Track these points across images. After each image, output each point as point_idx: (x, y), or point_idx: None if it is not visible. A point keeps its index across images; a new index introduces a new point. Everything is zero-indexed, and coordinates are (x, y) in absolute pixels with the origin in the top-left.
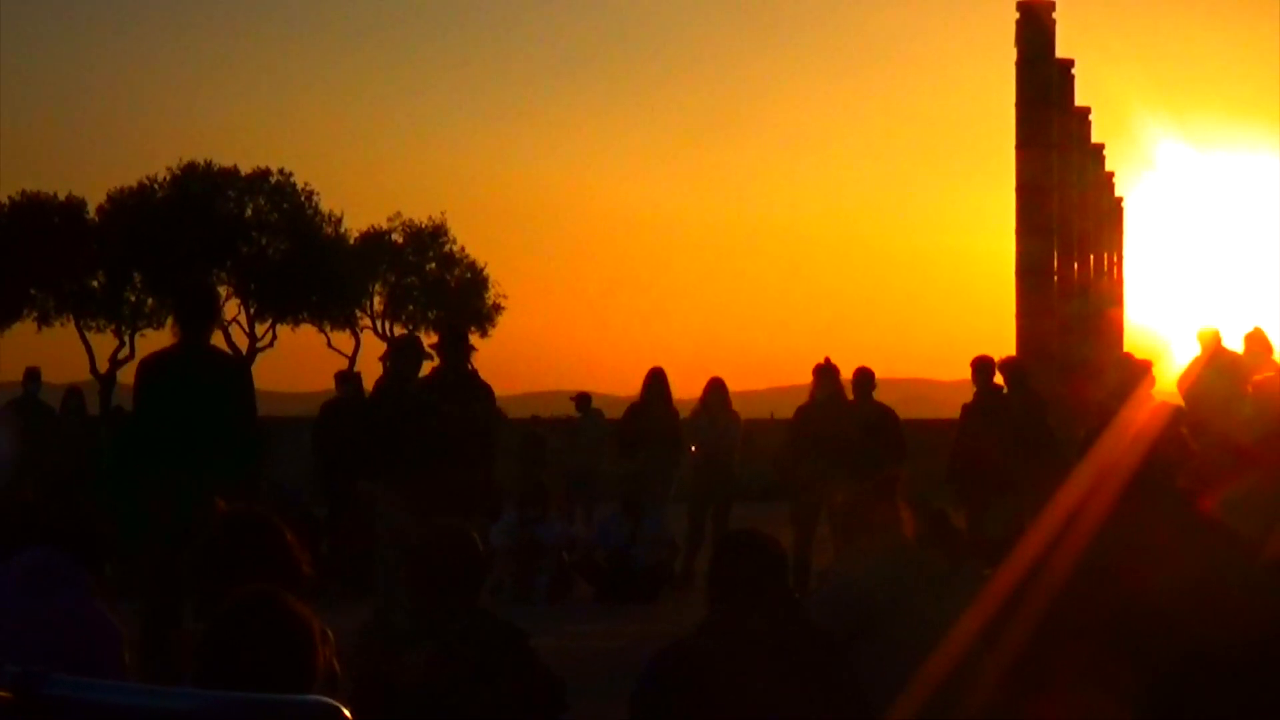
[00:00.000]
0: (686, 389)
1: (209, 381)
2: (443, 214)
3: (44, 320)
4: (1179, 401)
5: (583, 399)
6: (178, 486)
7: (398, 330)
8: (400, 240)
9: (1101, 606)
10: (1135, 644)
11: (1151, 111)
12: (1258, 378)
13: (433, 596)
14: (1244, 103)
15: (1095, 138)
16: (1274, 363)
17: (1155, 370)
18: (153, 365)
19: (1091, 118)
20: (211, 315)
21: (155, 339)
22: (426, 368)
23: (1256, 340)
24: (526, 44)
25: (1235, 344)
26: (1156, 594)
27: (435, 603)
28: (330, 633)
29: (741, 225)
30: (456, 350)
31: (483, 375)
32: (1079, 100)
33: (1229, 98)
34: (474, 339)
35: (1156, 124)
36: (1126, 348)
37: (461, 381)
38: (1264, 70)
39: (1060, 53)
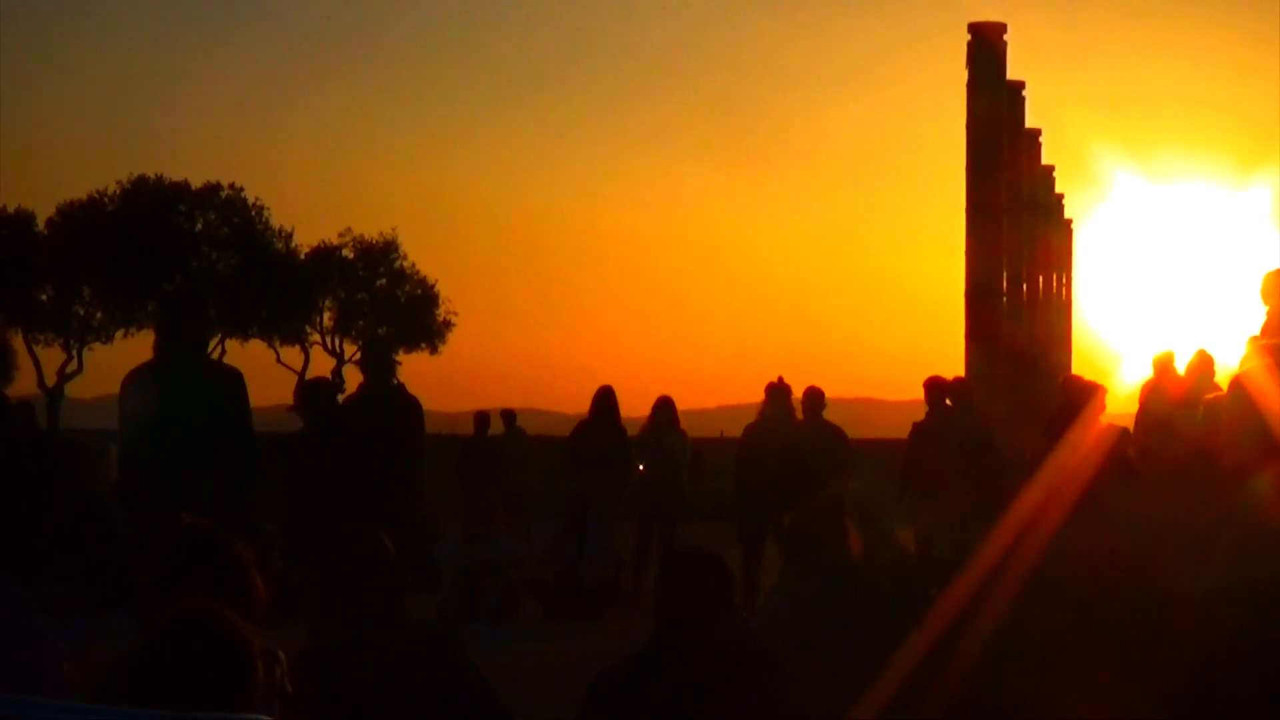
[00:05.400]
0: (636, 407)
1: (200, 392)
2: (393, 230)
3: None
4: (1128, 424)
5: (507, 415)
6: (167, 503)
7: (348, 346)
8: (351, 256)
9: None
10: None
11: (1102, 134)
12: (1209, 396)
13: (355, 604)
14: (1195, 126)
15: (1045, 159)
16: (1216, 385)
17: (1103, 392)
18: (139, 375)
19: (1042, 140)
20: (201, 322)
21: (104, 353)
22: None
23: (1201, 363)
24: (478, 59)
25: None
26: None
27: (360, 610)
28: (282, 654)
29: (691, 243)
30: (378, 366)
31: (431, 392)
32: (1029, 122)
33: (1180, 121)
34: (424, 355)
35: (1107, 146)
36: (1075, 369)
37: (386, 398)
38: (1214, 92)
39: (1011, 75)
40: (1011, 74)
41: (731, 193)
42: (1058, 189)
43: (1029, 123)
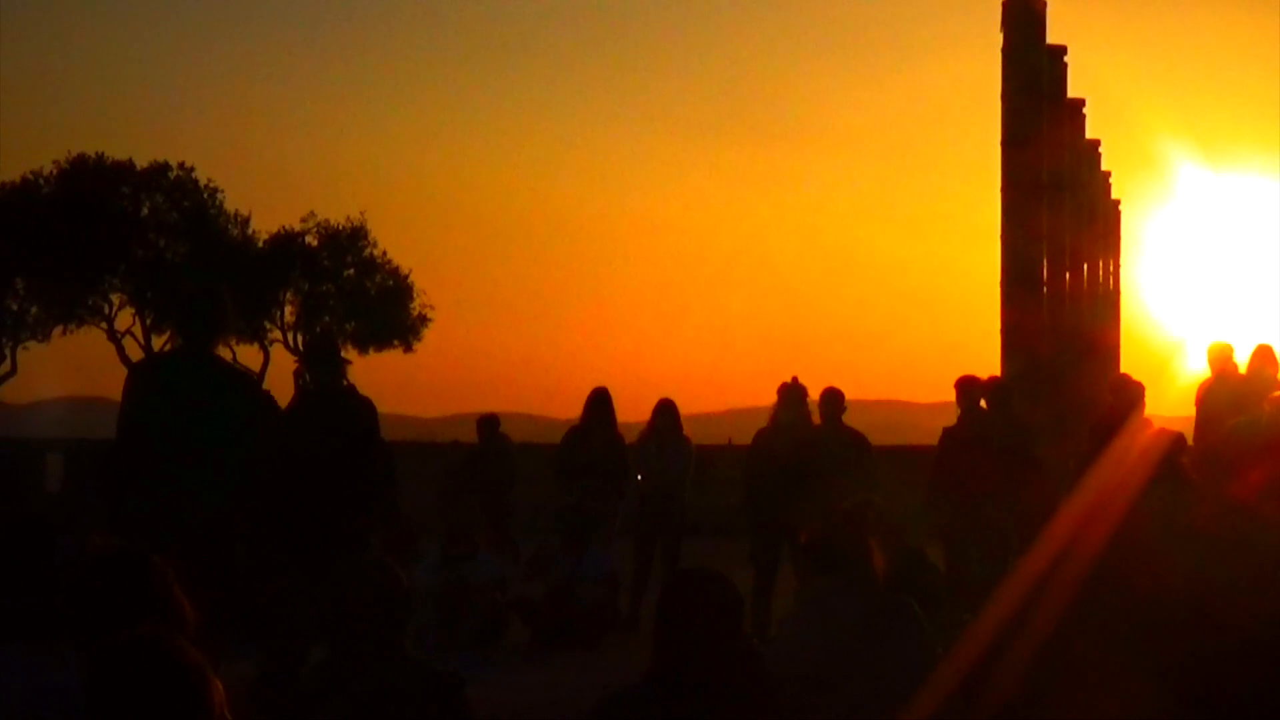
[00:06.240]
0: (634, 411)
1: (206, 392)
2: (362, 214)
3: None
4: (1183, 427)
5: (490, 421)
6: (161, 507)
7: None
8: (314, 243)
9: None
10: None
11: (1153, 105)
12: (1274, 395)
13: (349, 643)
14: (1253, 95)
15: (1090, 133)
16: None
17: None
18: (144, 370)
19: (1086, 111)
20: (216, 319)
21: (40, 353)
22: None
23: (1263, 357)
24: (456, 24)
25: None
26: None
27: (351, 650)
28: (220, 683)
29: (696, 230)
30: (325, 364)
31: (405, 395)
32: (1072, 92)
33: (1240, 90)
34: (397, 353)
35: (1158, 118)
36: (1124, 366)
37: (334, 401)
38: (1273, 59)
39: (1051, 39)
40: (1052, 38)
41: (741, 174)
42: (1104, 166)
43: (1072, 92)
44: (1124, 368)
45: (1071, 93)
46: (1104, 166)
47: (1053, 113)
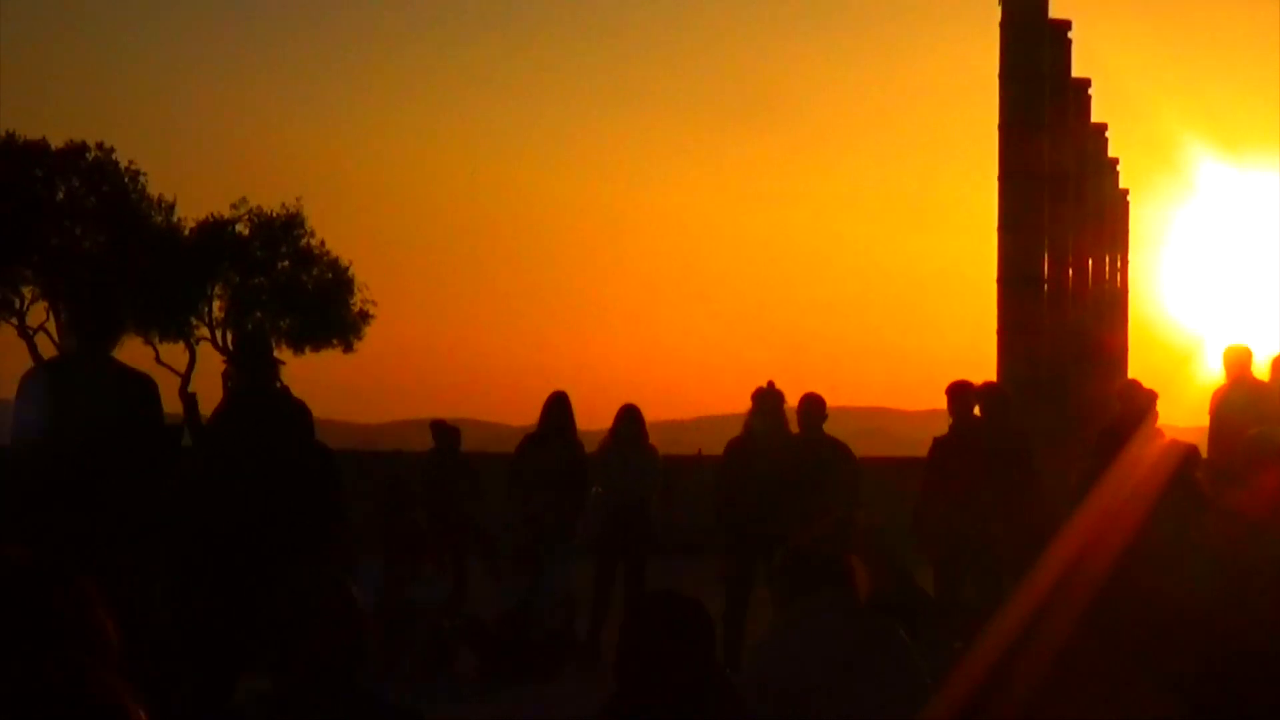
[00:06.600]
0: (596, 419)
1: (102, 397)
2: (298, 201)
3: None
4: (1195, 438)
5: (440, 429)
6: (63, 522)
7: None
8: (245, 232)
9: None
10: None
11: (1165, 85)
12: None
13: (297, 670)
14: (1270, 76)
15: (1096, 116)
16: None
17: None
18: (35, 376)
19: (1091, 92)
20: (111, 319)
21: None
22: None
23: None
24: None
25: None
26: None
27: (300, 679)
28: (144, 714)
29: (664, 222)
30: (256, 364)
31: (344, 399)
32: (1077, 71)
33: (1257, 68)
34: (336, 353)
35: (1171, 100)
36: (1132, 371)
37: (266, 405)
38: None
39: (1054, 14)
40: (1054, 12)
41: (714, 161)
42: (1111, 152)
43: (1076, 71)
44: (1133, 372)
45: (1076, 72)
46: (1111, 153)
47: (1055, 94)
